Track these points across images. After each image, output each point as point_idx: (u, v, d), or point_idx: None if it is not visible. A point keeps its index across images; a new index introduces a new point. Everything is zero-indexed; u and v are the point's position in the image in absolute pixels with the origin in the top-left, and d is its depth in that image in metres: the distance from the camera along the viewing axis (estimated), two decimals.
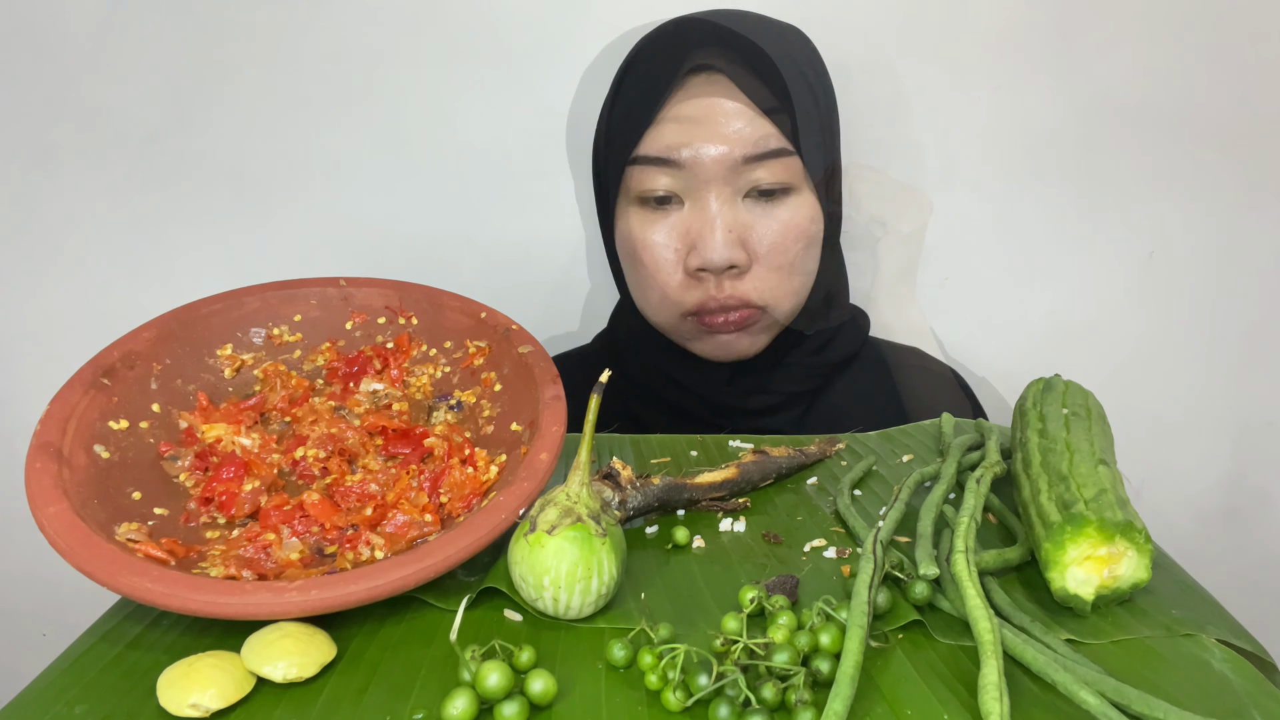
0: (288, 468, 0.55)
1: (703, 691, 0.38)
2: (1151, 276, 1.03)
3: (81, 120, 0.92)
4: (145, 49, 0.91)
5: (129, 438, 0.53)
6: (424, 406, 0.60)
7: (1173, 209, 1.01)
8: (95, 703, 0.40)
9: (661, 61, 0.68)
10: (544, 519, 0.45)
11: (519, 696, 0.38)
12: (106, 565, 0.43)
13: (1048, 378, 0.62)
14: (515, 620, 0.46)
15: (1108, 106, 0.97)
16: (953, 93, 0.97)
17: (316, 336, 0.63)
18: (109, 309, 0.96)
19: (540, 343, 0.61)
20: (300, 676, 0.41)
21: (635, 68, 0.71)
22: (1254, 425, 1.08)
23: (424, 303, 0.65)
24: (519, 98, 0.94)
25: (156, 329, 0.58)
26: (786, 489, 0.61)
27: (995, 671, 0.38)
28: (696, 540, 0.54)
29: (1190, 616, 0.46)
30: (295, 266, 0.95)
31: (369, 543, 0.48)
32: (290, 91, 0.93)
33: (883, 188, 0.72)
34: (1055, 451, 0.52)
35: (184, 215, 0.96)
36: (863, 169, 0.72)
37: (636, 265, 0.71)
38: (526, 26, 0.92)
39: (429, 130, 0.95)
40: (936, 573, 0.46)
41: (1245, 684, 0.41)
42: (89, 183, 0.94)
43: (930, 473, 0.58)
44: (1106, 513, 0.45)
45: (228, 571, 0.45)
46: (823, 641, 0.42)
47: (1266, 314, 1.05)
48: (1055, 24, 0.95)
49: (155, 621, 0.46)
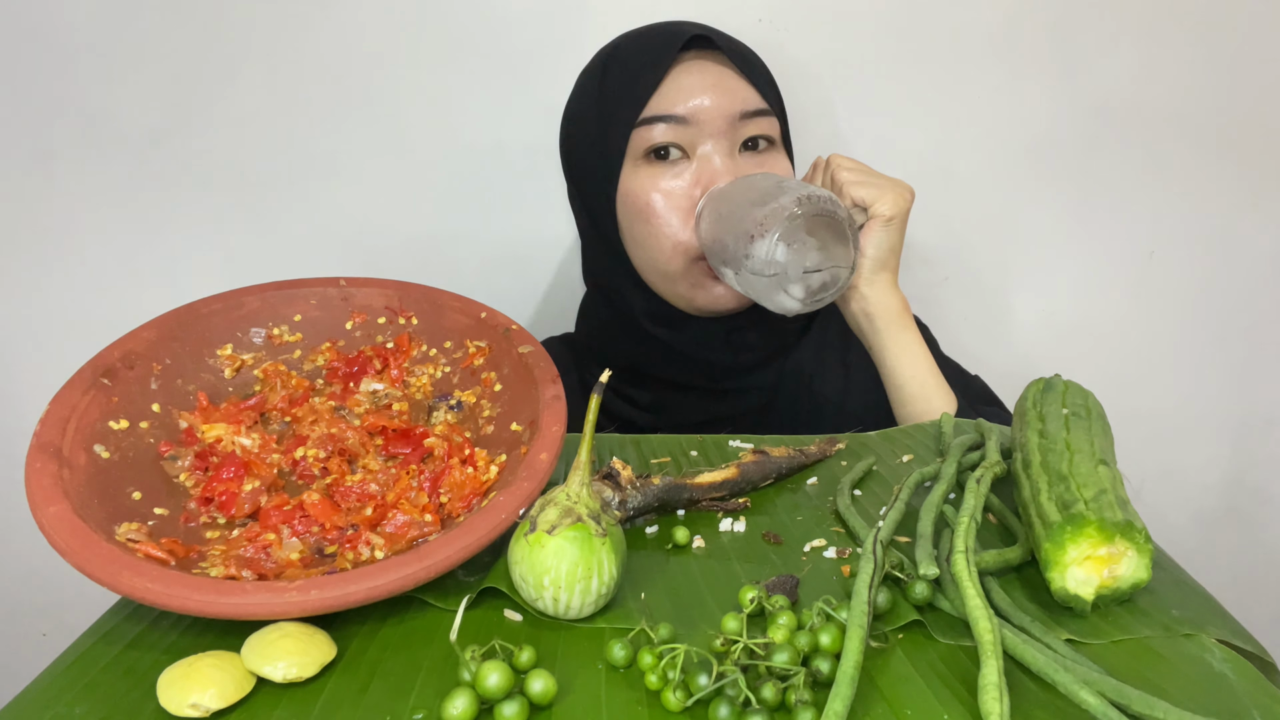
0: (288, 468, 0.55)
1: (702, 692, 0.38)
2: (1152, 276, 1.03)
3: (82, 121, 0.92)
4: (146, 50, 0.91)
5: (129, 438, 0.53)
6: (424, 406, 0.60)
7: (1173, 209, 1.01)
8: (95, 703, 0.40)
9: (656, 42, 0.74)
10: (544, 519, 0.45)
11: (519, 696, 0.38)
12: (106, 565, 0.43)
13: (1048, 377, 0.62)
14: (515, 620, 0.46)
15: (1108, 106, 0.97)
16: (953, 93, 0.97)
17: (317, 336, 0.63)
18: (109, 309, 0.96)
19: (540, 343, 0.61)
20: (300, 676, 0.41)
21: (622, 54, 0.76)
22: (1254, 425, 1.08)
23: (424, 303, 0.65)
24: (519, 98, 0.94)
25: (157, 329, 0.58)
26: (786, 489, 0.61)
27: (995, 672, 0.38)
28: (696, 540, 0.54)
29: (1190, 616, 0.46)
30: (295, 266, 0.95)
31: (369, 543, 0.48)
32: (290, 92, 0.93)
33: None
34: (1055, 451, 0.52)
35: (184, 215, 0.96)
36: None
37: (648, 218, 0.74)
38: (527, 27, 0.92)
39: (429, 130, 0.95)
40: (936, 572, 0.46)
41: (1245, 684, 0.41)
42: (89, 183, 0.94)
43: (930, 473, 0.58)
44: (1106, 513, 0.45)
45: (228, 571, 0.45)
46: (823, 641, 0.42)
47: (1267, 313, 1.05)
48: (1055, 24, 0.95)
49: (155, 621, 0.46)
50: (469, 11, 0.91)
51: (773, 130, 0.75)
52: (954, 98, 0.97)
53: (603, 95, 0.75)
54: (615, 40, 0.78)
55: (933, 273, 1.02)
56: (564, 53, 0.93)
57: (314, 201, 0.96)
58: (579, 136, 0.78)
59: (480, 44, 0.92)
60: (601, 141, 0.75)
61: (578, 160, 0.79)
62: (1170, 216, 1.01)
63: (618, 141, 0.74)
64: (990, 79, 0.96)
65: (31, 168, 0.93)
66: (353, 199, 0.97)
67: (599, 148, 0.75)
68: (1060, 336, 1.04)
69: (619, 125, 0.73)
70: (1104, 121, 0.97)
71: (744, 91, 0.73)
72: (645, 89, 0.73)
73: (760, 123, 0.74)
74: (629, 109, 0.73)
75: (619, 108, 0.74)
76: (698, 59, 0.73)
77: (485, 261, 0.99)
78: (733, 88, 0.73)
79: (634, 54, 0.75)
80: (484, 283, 0.92)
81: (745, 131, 0.74)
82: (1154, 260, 1.02)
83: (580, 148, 0.78)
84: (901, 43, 0.94)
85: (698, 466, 0.61)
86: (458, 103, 0.94)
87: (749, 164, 0.75)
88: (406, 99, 0.94)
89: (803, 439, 0.66)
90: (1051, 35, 0.95)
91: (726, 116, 0.72)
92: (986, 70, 0.96)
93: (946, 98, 0.96)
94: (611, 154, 0.74)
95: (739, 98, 0.73)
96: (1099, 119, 0.97)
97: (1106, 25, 0.94)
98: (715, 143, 0.73)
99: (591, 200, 0.78)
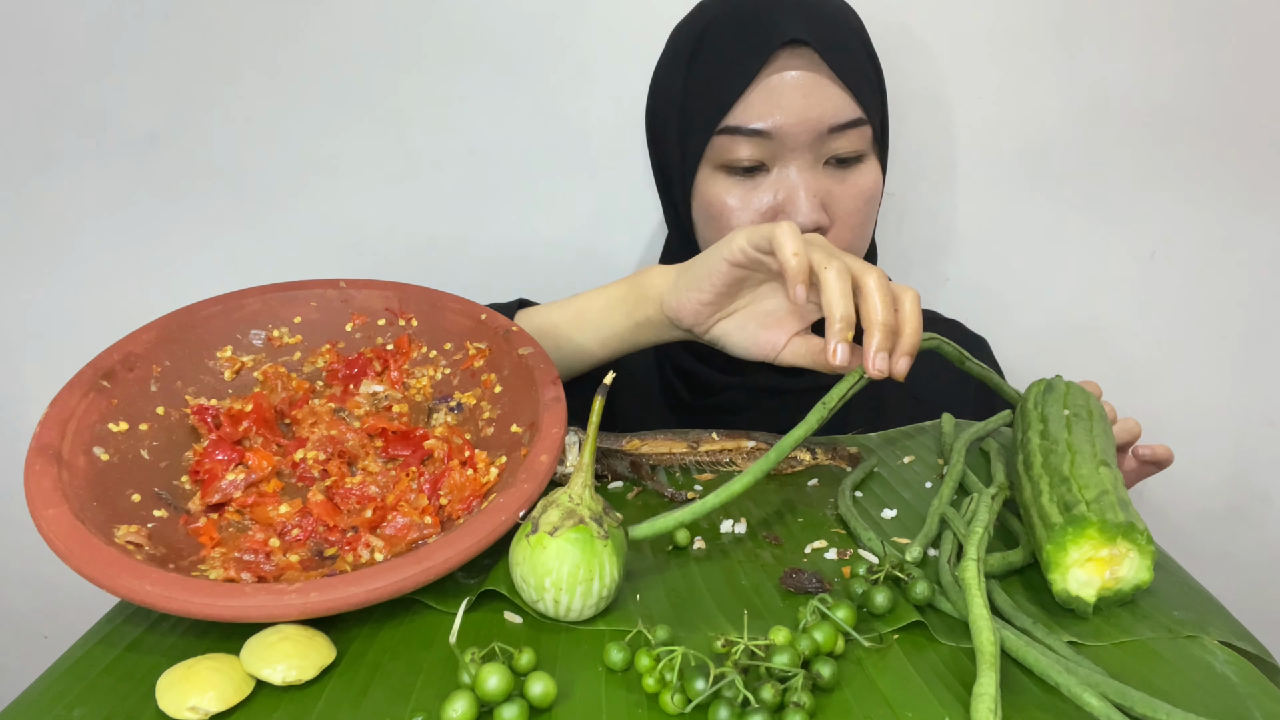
0: (287, 470, 0.55)
1: (701, 696, 0.38)
2: (1153, 276, 1.03)
3: (82, 123, 0.92)
4: (146, 51, 0.91)
5: (128, 440, 0.53)
6: (424, 408, 0.60)
7: (1174, 208, 1.00)
8: (94, 705, 0.40)
9: (750, 33, 0.70)
10: (546, 520, 0.45)
11: (519, 699, 0.38)
12: (106, 568, 0.43)
13: (1049, 378, 0.62)
14: (515, 622, 0.46)
15: (1108, 106, 0.97)
16: (953, 93, 0.96)
17: (316, 338, 0.63)
18: (109, 311, 0.96)
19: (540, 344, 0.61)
20: (300, 679, 0.41)
21: (714, 39, 0.72)
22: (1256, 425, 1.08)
23: (424, 304, 0.65)
24: (520, 99, 0.94)
25: (156, 331, 0.58)
26: (787, 490, 0.61)
27: (993, 684, 0.38)
28: (697, 542, 0.54)
29: (1192, 618, 0.46)
30: (295, 268, 0.95)
31: (369, 545, 0.48)
32: (291, 94, 0.93)
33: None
34: (1057, 453, 0.52)
35: (184, 217, 0.96)
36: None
37: (720, 227, 0.72)
38: (527, 28, 0.92)
39: (429, 132, 0.95)
40: (920, 553, 0.48)
41: (1247, 685, 0.41)
42: (89, 185, 0.94)
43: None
44: (1108, 514, 0.45)
45: (227, 574, 0.45)
46: (817, 639, 0.42)
47: (1268, 314, 1.04)
48: (1055, 24, 0.94)
49: (155, 624, 0.46)
50: (469, 12, 0.91)
51: (863, 142, 0.71)
52: (954, 98, 0.96)
53: (688, 85, 0.72)
54: (711, 12, 0.73)
55: (933, 273, 1.02)
56: (565, 53, 0.93)
57: (314, 203, 0.96)
58: (660, 126, 0.76)
59: (481, 45, 0.92)
60: (681, 141, 0.73)
61: (659, 147, 0.77)
62: (1172, 217, 1.00)
63: (697, 144, 0.71)
64: (990, 79, 0.96)
65: (32, 168, 0.93)
66: (353, 200, 0.96)
67: (679, 145, 0.74)
68: (1061, 337, 1.04)
69: (700, 127, 0.71)
70: (1105, 121, 0.97)
71: (835, 100, 0.69)
72: (731, 93, 0.69)
73: (850, 136, 0.70)
74: (712, 111, 0.70)
75: (702, 104, 0.71)
76: (791, 57, 0.69)
77: (485, 263, 0.98)
78: (823, 97, 0.68)
79: (727, 43, 0.70)
80: (484, 284, 0.91)
81: (831, 147, 0.70)
82: (1155, 260, 1.02)
83: (661, 136, 0.76)
84: (902, 42, 0.94)
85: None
86: (458, 104, 0.94)
87: (829, 180, 0.71)
88: (407, 100, 0.94)
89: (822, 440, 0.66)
90: (1052, 35, 0.95)
91: (812, 131, 0.68)
92: (987, 70, 0.95)
93: (947, 98, 0.96)
94: (690, 155, 0.72)
95: (829, 109, 0.68)
96: (1099, 119, 0.97)
97: (1107, 25, 0.94)
98: (798, 157, 0.69)
99: (671, 189, 0.77)
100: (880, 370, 0.52)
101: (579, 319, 0.67)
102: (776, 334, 0.61)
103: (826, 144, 0.69)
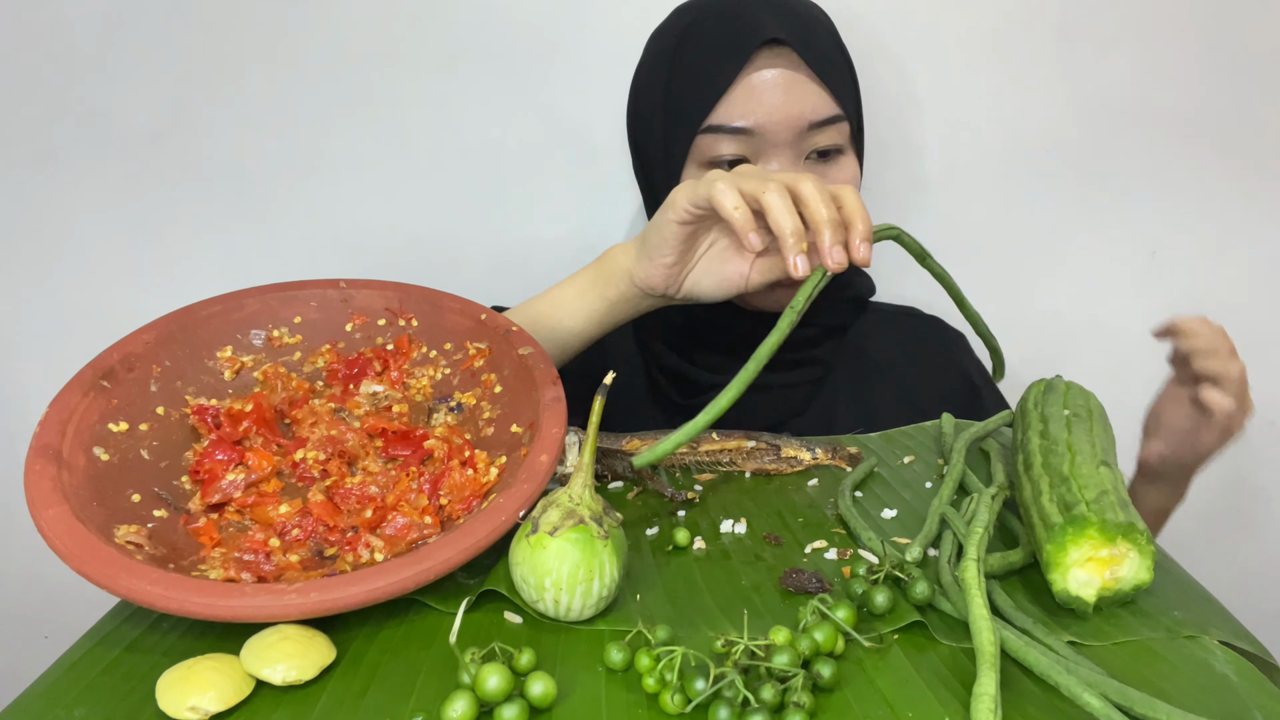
0: (287, 470, 0.55)
1: (701, 696, 0.38)
2: (1154, 276, 1.03)
3: (82, 122, 0.92)
4: (146, 51, 0.91)
5: (128, 440, 0.53)
6: (424, 408, 0.60)
7: (1175, 209, 1.00)
8: (94, 705, 0.40)
9: (729, 34, 0.71)
10: (546, 520, 0.45)
11: (519, 699, 0.38)
12: (105, 568, 0.43)
13: (1049, 378, 0.62)
14: (515, 622, 0.46)
15: (1108, 106, 0.97)
16: (953, 93, 0.96)
17: (316, 338, 0.63)
18: (109, 311, 0.96)
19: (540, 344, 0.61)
20: (300, 679, 0.41)
21: (694, 40, 0.73)
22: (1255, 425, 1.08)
23: (424, 304, 0.65)
24: (520, 99, 0.94)
25: (156, 331, 0.58)
26: (787, 490, 0.61)
27: (993, 684, 0.38)
28: (697, 542, 0.54)
29: (1192, 618, 0.46)
30: (295, 268, 0.95)
31: (369, 545, 0.48)
32: (291, 93, 0.93)
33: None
34: (1057, 453, 0.52)
35: (184, 217, 0.96)
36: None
37: None
38: (528, 28, 0.92)
39: (429, 132, 0.95)
40: (920, 553, 0.48)
41: (1247, 686, 0.41)
42: (89, 184, 0.94)
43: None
44: (1108, 514, 0.45)
45: (227, 574, 0.45)
46: (817, 639, 0.42)
47: (1268, 314, 1.04)
48: (1055, 24, 0.94)
49: (155, 624, 0.46)
50: (470, 12, 0.91)
51: (841, 136, 0.73)
52: (955, 98, 0.96)
53: (670, 86, 0.73)
54: (688, 15, 0.75)
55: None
56: (565, 54, 0.93)
57: (314, 203, 0.96)
58: (644, 126, 0.77)
59: (481, 45, 0.92)
60: (666, 141, 0.74)
61: (642, 147, 0.78)
62: (1172, 216, 1.01)
63: (682, 143, 0.72)
64: (991, 79, 0.96)
65: (32, 168, 0.93)
66: (353, 200, 0.96)
67: (663, 145, 0.74)
68: (1062, 337, 1.04)
69: (683, 127, 0.72)
70: (1105, 121, 0.97)
71: (814, 98, 0.70)
72: (713, 93, 0.70)
73: (829, 132, 0.72)
74: (695, 111, 0.71)
75: (686, 105, 0.72)
76: (770, 56, 0.70)
77: (485, 263, 0.98)
78: (802, 95, 0.70)
79: (707, 44, 0.72)
80: (484, 284, 0.91)
81: (812, 142, 0.71)
82: (1156, 260, 1.02)
83: (644, 137, 0.77)
84: (902, 42, 0.94)
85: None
86: (458, 104, 0.94)
87: (813, 174, 0.71)
88: (407, 100, 0.94)
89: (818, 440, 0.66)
90: (1053, 35, 0.95)
91: (794, 128, 0.70)
92: (987, 70, 0.95)
93: (947, 98, 0.96)
94: (675, 154, 0.73)
95: (809, 105, 0.70)
96: (1100, 119, 0.97)
97: (1107, 25, 0.94)
98: (779, 153, 0.71)
99: (656, 188, 0.77)
100: (839, 262, 0.53)
101: (553, 311, 0.68)
102: (740, 264, 0.63)
103: (807, 140, 0.71)
